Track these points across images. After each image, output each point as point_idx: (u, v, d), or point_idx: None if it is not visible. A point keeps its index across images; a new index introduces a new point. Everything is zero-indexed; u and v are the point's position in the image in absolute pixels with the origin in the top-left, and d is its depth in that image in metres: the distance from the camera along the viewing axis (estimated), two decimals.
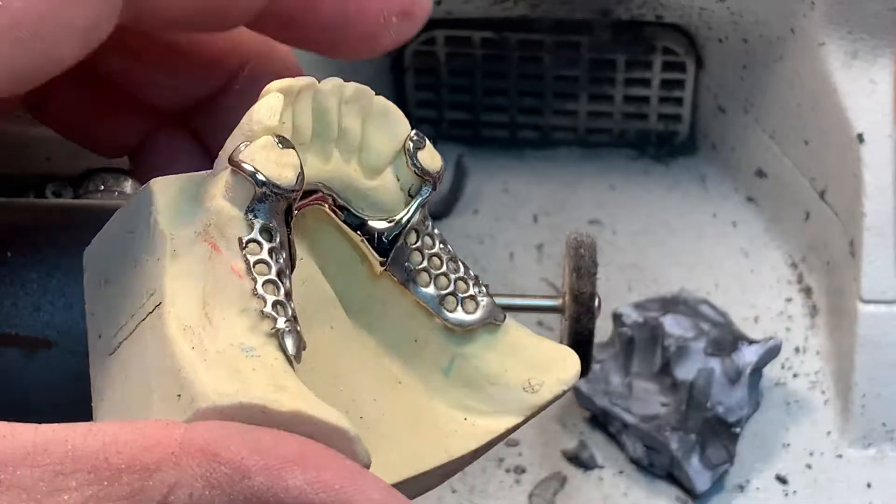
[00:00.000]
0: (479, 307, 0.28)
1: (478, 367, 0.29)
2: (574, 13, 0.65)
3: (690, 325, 0.59)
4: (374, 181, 0.27)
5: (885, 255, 0.58)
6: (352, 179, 0.27)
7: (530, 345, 0.29)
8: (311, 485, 0.21)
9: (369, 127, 0.27)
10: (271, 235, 0.25)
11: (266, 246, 0.25)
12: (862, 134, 0.58)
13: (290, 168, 0.25)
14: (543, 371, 0.29)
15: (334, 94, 0.26)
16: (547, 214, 0.69)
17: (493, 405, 0.29)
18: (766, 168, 0.67)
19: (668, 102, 0.70)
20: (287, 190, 0.25)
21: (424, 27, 0.29)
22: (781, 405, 0.60)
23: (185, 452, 0.20)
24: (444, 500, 0.57)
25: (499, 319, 0.29)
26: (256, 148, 0.25)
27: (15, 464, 0.20)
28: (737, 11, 0.62)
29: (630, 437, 0.58)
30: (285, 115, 0.26)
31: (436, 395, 0.29)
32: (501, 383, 0.29)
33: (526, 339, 0.30)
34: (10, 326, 0.30)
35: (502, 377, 0.29)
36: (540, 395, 0.29)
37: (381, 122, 0.27)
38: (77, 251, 0.30)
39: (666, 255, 0.67)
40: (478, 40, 0.67)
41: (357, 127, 0.27)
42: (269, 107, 0.25)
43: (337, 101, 0.27)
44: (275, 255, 0.25)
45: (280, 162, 0.25)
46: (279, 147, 0.25)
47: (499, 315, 0.29)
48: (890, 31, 0.59)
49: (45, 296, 0.30)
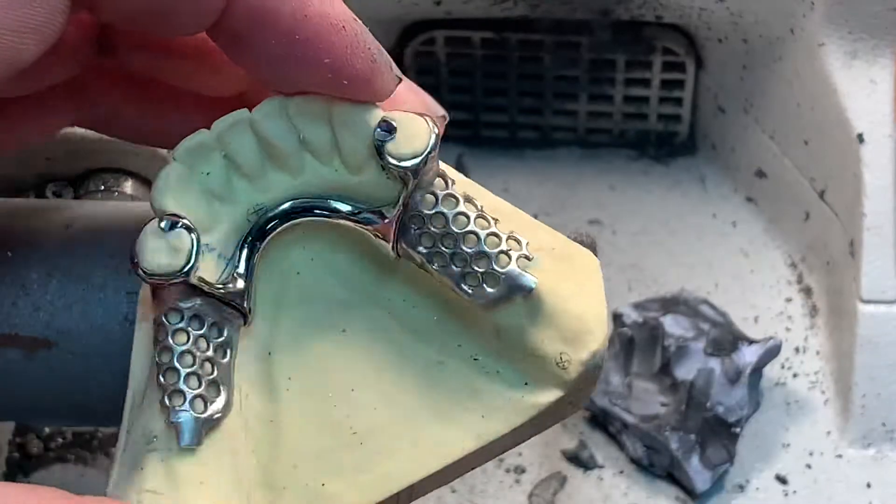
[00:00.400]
0: (500, 281, 0.27)
1: (517, 338, 0.27)
2: (574, 13, 0.65)
3: (690, 325, 0.59)
4: (359, 176, 0.27)
5: (885, 255, 0.58)
6: (337, 179, 0.27)
7: (564, 309, 0.27)
8: None
9: (337, 128, 0.27)
10: (181, 314, 0.26)
11: (170, 328, 0.26)
12: (862, 134, 0.58)
13: (170, 254, 0.25)
14: (574, 343, 0.27)
15: (273, 116, 0.26)
16: (547, 214, 0.69)
17: (532, 378, 0.28)
18: (765, 168, 0.67)
19: (668, 102, 0.70)
20: (168, 276, 0.25)
21: (424, 27, 0.29)
22: (781, 405, 0.60)
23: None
24: (444, 500, 0.57)
25: (525, 290, 0.27)
26: (143, 236, 0.26)
27: None
28: (737, 11, 0.62)
29: (630, 437, 0.58)
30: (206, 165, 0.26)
31: (481, 371, 0.28)
32: (539, 355, 0.28)
33: (560, 301, 0.27)
34: (10, 326, 0.30)
35: (539, 349, 0.27)
36: (569, 370, 0.27)
37: (344, 123, 0.27)
38: (77, 251, 0.30)
39: (666, 255, 0.67)
40: (478, 40, 0.67)
41: (323, 132, 0.27)
42: (158, 187, 0.26)
43: (281, 121, 0.26)
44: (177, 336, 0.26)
45: (162, 248, 0.25)
46: (163, 231, 0.25)
47: (524, 285, 0.27)
48: (890, 31, 0.59)
49: (45, 296, 0.30)
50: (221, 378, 0.26)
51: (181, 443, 0.26)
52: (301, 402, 0.28)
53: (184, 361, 0.26)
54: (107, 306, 0.30)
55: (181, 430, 0.26)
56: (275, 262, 0.28)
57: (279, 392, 0.28)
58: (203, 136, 0.26)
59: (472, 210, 0.27)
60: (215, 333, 0.27)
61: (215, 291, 0.26)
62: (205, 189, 0.26)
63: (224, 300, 0.27)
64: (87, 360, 0.30)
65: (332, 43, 0.25)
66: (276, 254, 0.28)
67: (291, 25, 0.25)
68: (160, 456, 0.26)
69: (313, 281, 0.28)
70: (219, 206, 0.27)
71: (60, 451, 0.62)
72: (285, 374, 0.28)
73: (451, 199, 0.27)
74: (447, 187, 0.27)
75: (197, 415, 0.26)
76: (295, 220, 0.27)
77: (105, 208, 0.32)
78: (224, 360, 0.27)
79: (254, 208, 0.27)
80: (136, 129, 0.30)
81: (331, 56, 0.25)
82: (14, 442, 0.62)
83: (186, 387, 0.26)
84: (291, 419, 0.28)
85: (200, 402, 0.26)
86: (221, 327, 0.27)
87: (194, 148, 0.26)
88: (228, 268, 0.27)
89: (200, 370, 0.26)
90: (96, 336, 0.30)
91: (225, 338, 0.27)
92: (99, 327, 0.30)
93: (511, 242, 0.27)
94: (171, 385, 0.26)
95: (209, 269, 0.27)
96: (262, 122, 0.26)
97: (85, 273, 0.30)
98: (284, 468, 0.27)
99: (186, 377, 0.26)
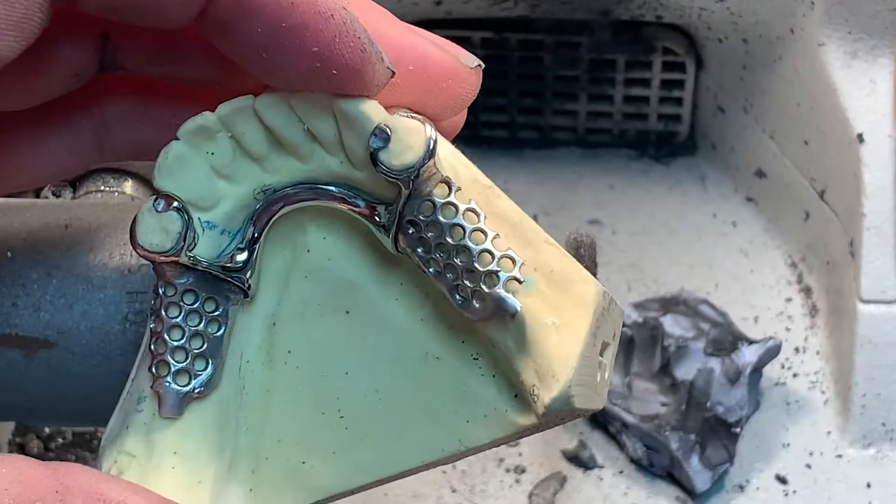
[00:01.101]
0: (488, 299, 0.26)
1: (506, 354, 0.27)
2: (574, 13, 0.65)
3: (690, 325, 0.59)
4: (362, 172, 0.27)
5: (885, 255, 0.58)
6: (343, 171, 0.27)
7: (540, 343, 0.27)
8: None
9: (341, 126, 0.27)
10: (175, 288, 0.27)
11: (164, 300, 0.27)
12: (862, 134, 0.58)
13: (161, 234, 0.26)
14: (542, 381, 0.27)
15: (276, 106, 0.26)
16: (547, 214, 0.69)
17: (520, 393, 0.27)
18: (765, 168, 0.67)
19: (668, 102, 0.70)
20: (159, 253, 0.26)
21: (424, 27, 0.28)
22: (781, 405, 0.60)
23: None
24: (444, 500, 0.57)
25: (508, 314, 0.26)
26: (140, 213, 0.27)
27: None
28: (737, 11, 0.62)
29: (630, 437, 0.58)
30: (211, 145, 0.27)
31: (477, 371, 0.28)
32: (521, 378, 0.27)
33: (540, 333, 0.27)
34: (10, 326, 0.30)
35: (520, 373, 0.27)
36: (537, 406, 0.27)
37: (346, 121, 0.26)
38: (77, 251, 0.30)
39: (666, 255, 0.67)
40: (478, 40, 0.67)
41: (328, 126, 0.27)
42: (158, 165, 0.27)
43: (285, 111, 0.26)
44: (170, 309, 0.27)
45: (155, 228, 0.26)
46: (156, 211, 0.26)
47: (506, 309, 0.26)
48: (890, 31, 0.59)
49: (45, 296, 0.30)
50: (210, 351, 0.27)
51: (161, 413, 0.27)
52: (296, 376, 0.28)
53: (172, 334, 0.27)
54: (107, 306, 0.30)
55: (162, 400, 0.27)
56: (287, 236, 0.28)
57: (278, 363, 0.28)
58: (207, 118, 0.27)
59: (471, 222, 0.27)
60: (211, 307, 0.27)
61: (212, 269, 0.27)
62: (209, 168, 0.27)
63: (222, 276, 0.27)
64: (87, 360, 0.30)
65: (319, 31, 0.25)
66: (289, 228, 0.28)
67: (277, 13, 0.24)
68: (143, 419, 0.27)
69: (323, 259, 0.28)
70: (224, 184, 0.27)
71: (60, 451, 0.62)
72: (285, 347, 0.28)
73: (450, 209, 0.27)
74: (449, 195, 0.27)
75: (179, 387, 0.27)
76: (303, 202, 0.28)
77: (105, 208, 0.32)
78: (217, 334, 0.27)
79: (261, 188, 0.27)
80: (156, 146, 0.30)
81: (319, 45, 0.25)
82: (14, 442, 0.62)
83: (172, 359, 0.27)
84: (285, 392, 0.28)
85: (185, 375, 0.27)
86: (217, 301, 0.27)
87: (197, 129, 0.27)
88: (232, 244, 0.27)
89: (188, 344, 0.27)
90: (96, 336, 0.30)
91: (220, 312, 0.27)
92: (99, 327, 0.30)
93: (504, 262, 0.27)
94: (159, 354, 0.27)
95: (209, 246, 0.27)
96: (265, 112, 0.26)
97: (85, 273, 0.30)
98: (270, 440, 0.28)
99: (174, 350, 0.27)
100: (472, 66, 0.28)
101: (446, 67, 0.27)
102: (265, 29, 0.25)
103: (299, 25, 0.25)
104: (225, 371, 0.28)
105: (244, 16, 0.25)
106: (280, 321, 0.28)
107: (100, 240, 0.31)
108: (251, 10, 0.25)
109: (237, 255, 0.27)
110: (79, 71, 0.28)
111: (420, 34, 0.27)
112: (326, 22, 0.25)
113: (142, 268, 0.30)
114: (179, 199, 0.27)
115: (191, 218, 0.27)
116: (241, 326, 0.28)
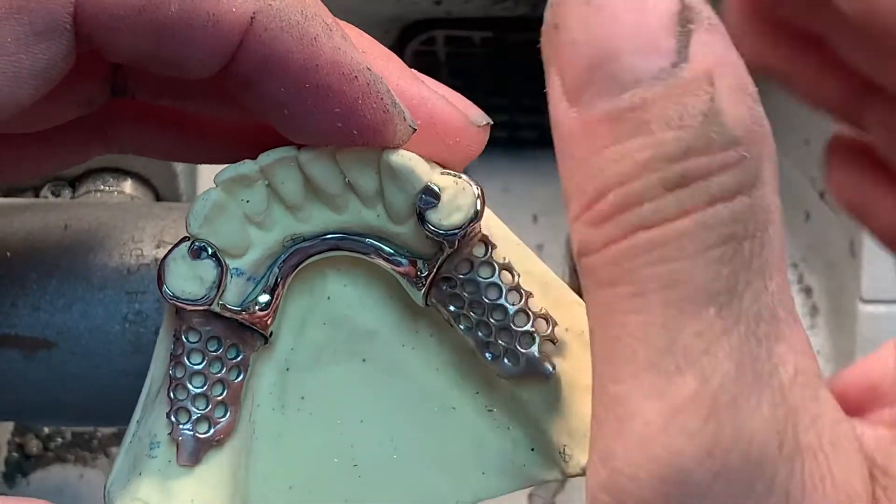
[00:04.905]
0: (521, 361, 0.26)
1: (531, 412, 0.27)
2: None
3: None
4: (400, 227, 0.27)
5: (885, 255, 0.58)
6: (378, 224, 0.27)
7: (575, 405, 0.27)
8: None
9: (385, 180, 0.26)
10: (199, 335, 0.26)
11: (187, 346, 0.26)
12: None
13: (195, 282, 0.26)
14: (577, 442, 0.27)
15: (320, 158, 0.26)
16: (547, 214, 0.69)
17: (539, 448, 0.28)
18: None
19: None
20: (191, 302, 0.26)
21: (424, 27, 0.28)
22: None
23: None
24: None
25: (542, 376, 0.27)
26: (171, 259, 0.26)
27: None
28: None
29: None
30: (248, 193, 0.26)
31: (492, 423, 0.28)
32: (546, 437, 0.27)
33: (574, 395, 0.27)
34: (10, 326, 0.30)
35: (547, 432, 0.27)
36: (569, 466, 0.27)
37: (391, 178, 0.26)
38: (77, 251, 0.30)
39: None
40: (478, 40, 0.67)
41: (370, 180, 0.26)
42: (194, 211, 0.26)
43: (328, 163, 0.26)
44: (192, 355, 0.26)
45: (188, 275, 0.26)
46: (190, 259, 0.26)
47: (541, 371, 0.27)
48: None
49: (44, 296, 0.30)
50: (231, 398, 0.27)
51: (179, 461, 0.26)
52: (309, 422, 0.28)
53: (194, 381, 0.26)
54: (107, 306, 0.30)
55: (181, 448, 0.26)
56: (306, 281, 0.28)
57: (290, 409, 0.28)
58: (248, 167, 0.26)
59: (508, 282, 0.27)
60: (232, 354, 0.27)
61: (237, 316, 0.26)
62: (242, 214, 0.26)
63: (246, 323, 0.27)
64: (86, 361, 0.30)
65: (343, 93, 0.25)
66: (310, 274, 0.28)
67: (301, 74, 0.24)
68: (158, 465, 0.26)
69: (342, 307, 0.28)
70: (255, 231, 0.27)
71: (60, 451, 0.62)
72: (299, 393, 0.28)
73: (488, 268, 0.27)
74: (486, 254, 0.27)
75: (199, 435, 0.26)
76: (330, 253, 0.27)
77: (104, 208, 0.32)
78: (237, 380, 0.27)
79: (290, 236, 0.27)
80: (166, 152, 0.30)
81: (341, 106, 0.25)
82: (13, 442, 0.62)
83: (194, 407, 0.26)
84: (296, 438, 0.28)
85: (205, 422, 0.26)
86: (239, 348, 0.27)
87: (237, 178, 0.26)
88: (256, 290, 0.27)
89: (210, 391, 0.26)
90: (96, 336, 0.30)
91: (241, 358, 0.27)
92: (99, 327, 0.30)
93: (539, 323, 0.27)
94: (178, 402, 0.26)
95: (235, 293, 0.27)
96: (308, 164, 0.26)
97: (84, 273, 0.30)
98: (280, 486, 0.28)
99: (195, 398, 0.26)
100: (480, 125, 0.28)
101: (455, 125, 0.27)
102: (288, 88, 0.25)
103: (323, 87, 0.25)
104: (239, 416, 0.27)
105: (268, 74, 0.24)
106: (294, 366, 0.28)
107: (99, 240, 0.31)
108: (275, 69, 0.24)
109: (261, 301, 0.27)
110: (91, 99, 0.28)
111: (430, 86, 0.27)
112: (350, 84, 0.25)
113: (141, 268, 0.30)
114: (215, 246, 0.26)
115: (226, 266, 0.26)
116: (253, 371, 0.27)
